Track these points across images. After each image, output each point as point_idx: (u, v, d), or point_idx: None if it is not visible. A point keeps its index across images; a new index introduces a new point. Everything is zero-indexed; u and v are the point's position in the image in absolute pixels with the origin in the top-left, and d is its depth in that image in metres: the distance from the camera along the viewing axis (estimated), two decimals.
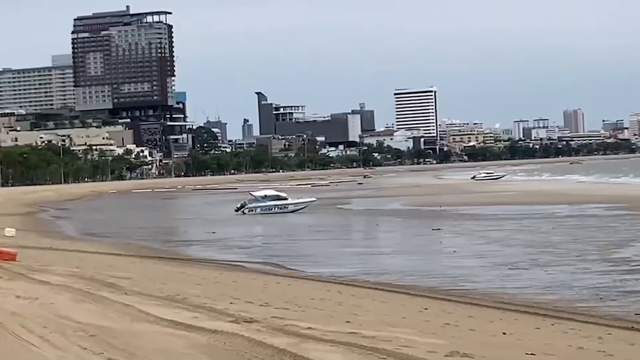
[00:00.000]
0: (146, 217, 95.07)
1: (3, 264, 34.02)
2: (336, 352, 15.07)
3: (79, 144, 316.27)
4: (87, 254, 44.71)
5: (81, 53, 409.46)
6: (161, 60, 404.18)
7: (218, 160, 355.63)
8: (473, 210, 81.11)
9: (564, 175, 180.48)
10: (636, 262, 37.61)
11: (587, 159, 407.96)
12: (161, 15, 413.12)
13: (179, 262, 41.92)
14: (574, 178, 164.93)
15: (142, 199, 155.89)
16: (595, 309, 25.92)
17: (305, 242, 56.33)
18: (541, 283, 32.18)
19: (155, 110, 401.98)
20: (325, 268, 39.20)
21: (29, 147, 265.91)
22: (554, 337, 19.80)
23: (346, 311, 22.83)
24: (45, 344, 15.97)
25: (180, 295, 24.39)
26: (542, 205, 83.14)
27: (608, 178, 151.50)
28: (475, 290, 30.93)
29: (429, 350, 15.62)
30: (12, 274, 30.15)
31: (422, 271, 37.03)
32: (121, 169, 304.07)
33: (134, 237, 62.70)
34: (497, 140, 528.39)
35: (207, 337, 16.75)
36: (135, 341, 16.23)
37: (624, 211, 69.82)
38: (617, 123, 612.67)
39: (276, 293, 27.26)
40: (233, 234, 64.33)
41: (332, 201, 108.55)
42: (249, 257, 45.54)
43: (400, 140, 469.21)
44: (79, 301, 22.64)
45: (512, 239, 51.07)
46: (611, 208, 74.33)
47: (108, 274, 30.92)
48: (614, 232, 52.27)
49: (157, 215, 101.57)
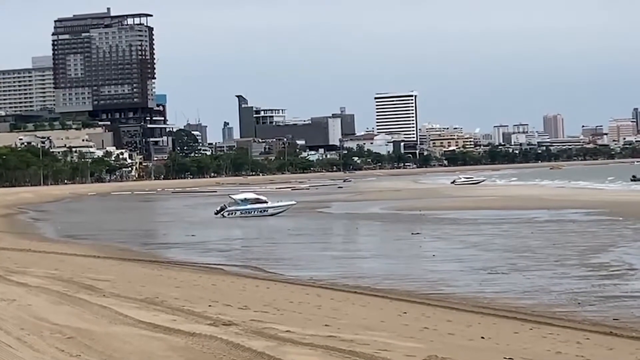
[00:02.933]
0: (125, 220, 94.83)
1: None
2: (314, 356, 15.07)
3: (58, 145, 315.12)
4: (65, 256, 44.60)
5: (61, 55, 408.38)
6: (142, 63, 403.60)
7: (198, 163, 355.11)
8: (452, 214, 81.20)
9: (543, 180, 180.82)
10: (615, 267, 37.71)
11: (566, 164, 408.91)
12: (142, 17, 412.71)
13: (157, 265, 41.85)
14: (553, 183, 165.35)
15: (121, 201, 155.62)
16: (573, 314, 25.97)
17: (285, 245, 56.30)
18: (520, 288, 32.22)
19: (135, 113, 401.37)
20: (305, 272, 39.18)
21: (8, 149, 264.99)
22: (532, 341, 19.82)
23: (325, 315, 22.83)
24: (22, 345, 15.92)
25: (159, 298, 24.36)
26: (521, 210, 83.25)
27: (587, 183, 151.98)
28: (454, 294, 30.95)
29: (407, 354, 15.63)
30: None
31: (401, 275, 37.04)
32: (101, 171, 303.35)
33: (113, 240, 62.55)
34: (477, 145, 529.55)
35: (185, 339, 16.72)
36: (113, 343, 16.20)
37: (603, 216, 69.98)
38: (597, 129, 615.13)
39: (255, 296, 27.25)
40: (212, 236, 64.24)
41: (312, 205, 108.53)
42: (228, 260, 45.49)
43: (381, 144, 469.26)
44: (57, 303, 22.58)
45: (491, 243, 51.12)
46: (590, 213, 74.50)
47: (86, 276, 30.85)
48: (593, 237, 52.37)
49: (137, 218, 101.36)
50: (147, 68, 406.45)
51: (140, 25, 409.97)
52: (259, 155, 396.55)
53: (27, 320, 19.09)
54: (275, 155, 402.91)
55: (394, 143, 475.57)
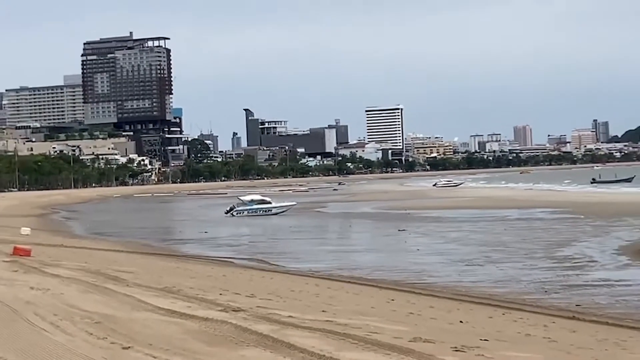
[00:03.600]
0: (146, 219, 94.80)
1: (19, 259, 33.88)
2: (313, 338, 15.04)
3: (87, 153, 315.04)
4: (93, 250, 44.56)
5: (89, 73, 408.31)
6: (160, 80, 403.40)
7: (210, 168, 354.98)
8: (434, 213, 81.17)
9: (513, 183, 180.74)
10: (577, 259, 37.71)
11: (534, 169, 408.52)
12: (160, 40, 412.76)
13: (175, 258, 41.83)
14: (522, 186, 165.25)
15: (142, 203, 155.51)
16: (541, 301, 25.97)
17: (287, 241, 56.29)
18: (493, 277, 32.23)
19: (155, 124, 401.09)
20: (304, 264, 39.20)
21: (42, 156, 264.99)
22: (504, 325, 19.80)
23: (322, 302, 22.79)
24: (56, 329, 15.89)
25: (176, 287, 24.32)
26: (494, 209, 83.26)
27: (552, 186, 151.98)
28: (436, 283, 30.95)
29: (395, 337, 15.60)
30: (27, 268, 30.01)
31: (389, 267, 37.03)
32: (124, 176, 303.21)
33: (136, 236, 62.54)
34: (455, 152, 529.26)
35: (200, 324, 16.69)
36: (135, 327, 16.17)
37: (566, 215, 69.99)
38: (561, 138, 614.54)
39: (260, 286, 27.21)
40: (223, 233, 64.22)
41: (310, 205, 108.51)
42: (236, 254, 45.48)
43: (371, 151, 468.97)
44: (86, 292, 22.55)
45: (468, 238, 51.13)
46: (555, 212, 74.52)
47: (112, 269, 30.80)
48: (558, 233, 52.38)
49: (156, 217, 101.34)
50: (165, 85, 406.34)
51: (159, 47, 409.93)
52: (263, 162, 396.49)
53: (60, 307, 19.05)
54: (278, 161, 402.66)
55: (383, 150, 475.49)
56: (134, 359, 12.88)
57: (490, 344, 15.57)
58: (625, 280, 30.47)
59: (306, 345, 14.14)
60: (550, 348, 15.92)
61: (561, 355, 14.99)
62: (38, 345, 14.08)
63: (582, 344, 16.73)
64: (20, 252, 36.37)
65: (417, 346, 14.45)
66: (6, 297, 20.70)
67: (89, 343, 14.37)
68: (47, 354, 13.27)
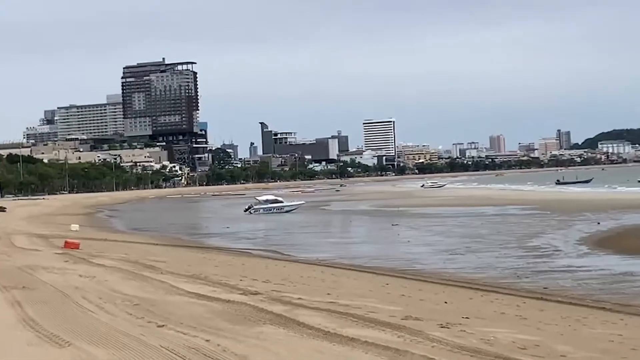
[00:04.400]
0: (177, 216, 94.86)
1: (70, 252, 33.98)
2: (319, 316, 15.05)
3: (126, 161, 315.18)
4: (132, 243, 44.61)
5: (128, 93, 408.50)
6: (188, 98, 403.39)
7: (231, 173, 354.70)
8: (422, 210, 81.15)
9: (489, 184, 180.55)
10: (544, 249, 37.70)
11: (507, 172, 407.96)
12: (188, 64, 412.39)
13: (201, 250, 41.86)
14: (497, 186, 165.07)
15: (174, 203, 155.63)
16: (513, 284, 25.95)
17: (297, 234, 56.28)
18: (473, 265, 32.21)
19: (184, 136, 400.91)
20: (312, 254, 39.19)
21: (89, 164, 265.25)
22: (483, 305, 19.80)
23: (327, 286, 22.80)
24: (101, 310, 15.92)
25: (203, 274, 24.34)
26: (473, 206, 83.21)
27: (522, 186, 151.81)
28: (424, 270, 30.93)
29: (389, 315, 15.61)
30: (76, 258, 30.09)
31: (384, 256, 37.03)
32: (158, 180, 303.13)
33: (168, 231, 62.60)
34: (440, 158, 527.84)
35: (223, 305, 16.71)
36: (168, 308, 16.19)
37: (535, 211, 69.94)
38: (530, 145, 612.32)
39: (275, 272, 27.23)
40: (242, 228, 64.25)
41: (316, 204, 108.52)
42: (254, 246, 45.50)
43: (368, 158, 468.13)
44: (126, 279, 22.59)
45: (451, 232, 51.11)
46: (526, 209, 74.42)
47: (148, 259, 30.84)
48: (528, 226, 52.35)
49: (185, 215, 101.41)
50: (193, 102, 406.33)
51: (187, 70, 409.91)
52: (276, 167, 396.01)
53: (104, 292, 19.09)
54: (289, 167, 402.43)
55: (378, 157, 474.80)
56: (167, 335, 12.90)
57: (471, 321, 15.57)
58: (585, 267, 30.44)
59: (314, 322, 14.16)
60: (521, 324, 15.92)
61: (531, 330, 14.99)
62: (86, 324, 14.12)
63: (549, 321, 16.73)
64: (71, 245, 36.48)
65: (408, 323, 14.46)
66: (59, 284, 20.76)
67: (128, 322, 14.40)
68: (93, 331, 13.30)
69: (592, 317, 18.21)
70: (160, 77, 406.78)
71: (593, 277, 27.26)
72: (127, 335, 12.80)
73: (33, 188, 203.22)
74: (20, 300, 17.34)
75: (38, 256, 31.31)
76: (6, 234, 49.65)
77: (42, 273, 23.76)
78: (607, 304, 20.93)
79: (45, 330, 13.37)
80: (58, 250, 34.87)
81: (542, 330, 15.02)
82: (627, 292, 23.60)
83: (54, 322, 14.23)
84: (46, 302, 16.97)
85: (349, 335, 12.78)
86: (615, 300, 21.95)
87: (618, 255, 33.96)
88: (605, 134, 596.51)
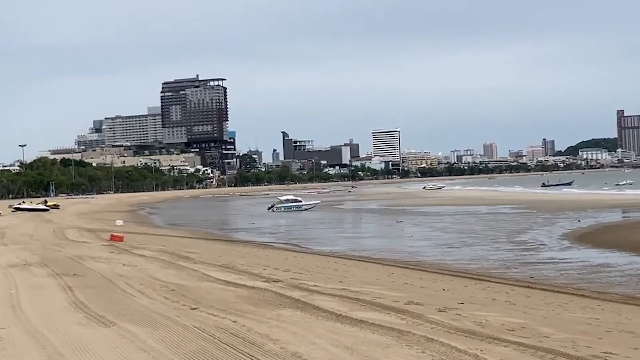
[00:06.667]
0: (208, 213, 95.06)
1: (115, 244, 34.13)
2: (333, 301, 15.05)
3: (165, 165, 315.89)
4: (169, 237, 44.75)
5: (166, 105, 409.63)
6: (219, 110, 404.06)
7: (256, 176, 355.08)
8: (423, 209, 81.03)
9: (483, 187, 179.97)
10: (531, 243, 37.59)
11: (499, 176, 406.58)
12: (219, 80, 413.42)
13: (230, 243, 41.95)
14: (490, 188, 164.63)
15: (206, 202, 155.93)
16: (503, 274, 25.89)
17: (313, 229, 56.31)
18: (468, 257, 32.17)
19: (215, 143, 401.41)
20: (326, 247, 39.22)
21: (132, 167, 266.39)
22: (476, 292, 19.76)
23: (340, 275, 22.81)
24: (141, 295, 15.98)
25: (231, 264, 24.39)
26: (469, 206, 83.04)
27: (512, 188, 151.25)
28: (425, 261, 30.91)
29: (394, 300, 15.59)
30: (121, 249, 30.21)
31: (390, 249, 37.02)
32: (193, 182, 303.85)
33: (201, 226, 62.74)
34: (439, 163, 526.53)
35: (248, 291, 16.74)
36: (200, 294, 16.23)
37: (523, 210, 69.75)
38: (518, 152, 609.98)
39: (293, 263, 27.26)
40: (266, 224, 64.34)
41: (331, 203, 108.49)
42: (276, 240, 45.57)
43: (376, 163, 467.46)
44: (164, 267, 22.65)
45: (449, 228, 51.02)
46: (515, 208, 74.23)
47: (183, 250, 30.93)
48: (517, 223, 52.21)
49: (216, 212, 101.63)
50: (223, 114, 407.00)
51: (218, 86, 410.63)
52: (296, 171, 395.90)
53: (144, 279, 19.16)
54: (306, 170, 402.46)
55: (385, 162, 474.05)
56: (199, 316, 12.94)
57: (466, 306, 15.54)
58: (567, 259, 30.34)
59: (328, 307, 14.16)
60: (510, 309, 15.87)
61: (518, 314, 14.94)
62: (128, 306, 14.17)
63: (534, 306, 16.67)
64: (116, 238, 36.65)
65: (411, 307, 14.44)
66: (105, 271, 20.85)
67: (166, 305, 14.45)
68: (134, 313, 13.36)
69: (573, 303, 18.14)
70: (194, 92, 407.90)
71: (574, 268, 27.16)
72: (164, 317, 12.85)
73: (83, 188, 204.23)
74: (72, 285, 17.44)
75: (87, 247, 31.46)
76: (60, 229, 49.95)
77: (90, 262, 23.88)
78: (585, 292, 20.86)
79: (93, 312, 13.44)
80: (104, 242, 35.02)
81: (528, 314, 14.97)
82: (604, 281, 23.52)
83: (100, 304, 14.30)
84: (94, 287, 17.06)
85: (358, 317, 12.79)
86: (593, 288, 21.87)
87: (596, 249, 33.83)
88: (585, 142, 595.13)
